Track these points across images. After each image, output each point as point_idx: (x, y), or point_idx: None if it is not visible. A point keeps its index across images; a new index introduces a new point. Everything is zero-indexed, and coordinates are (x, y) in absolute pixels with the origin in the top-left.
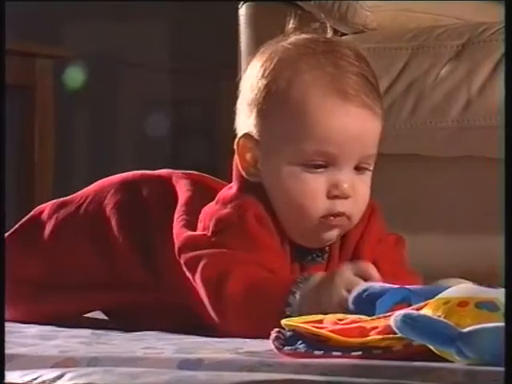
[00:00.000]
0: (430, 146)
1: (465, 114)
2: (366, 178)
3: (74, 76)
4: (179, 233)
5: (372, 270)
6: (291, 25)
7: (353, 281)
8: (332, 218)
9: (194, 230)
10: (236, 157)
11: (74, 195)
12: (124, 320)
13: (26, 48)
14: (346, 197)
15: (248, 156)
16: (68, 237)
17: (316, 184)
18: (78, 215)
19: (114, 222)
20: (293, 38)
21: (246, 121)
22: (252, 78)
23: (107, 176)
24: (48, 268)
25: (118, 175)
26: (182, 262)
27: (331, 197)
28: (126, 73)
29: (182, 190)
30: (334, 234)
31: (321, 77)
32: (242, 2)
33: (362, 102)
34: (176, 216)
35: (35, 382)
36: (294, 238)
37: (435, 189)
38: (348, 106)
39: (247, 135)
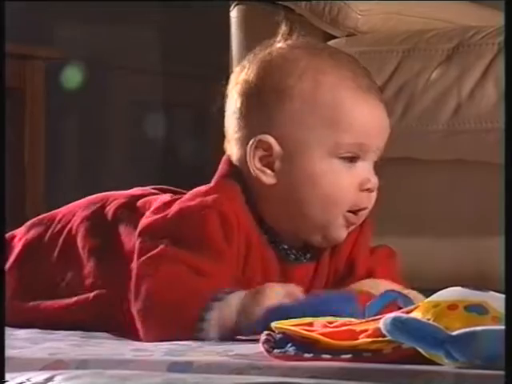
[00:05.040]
0: (420, 150)
1: (455, 117)
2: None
3: (71, 77)
4: (143, 219)
5: (299, 293)
6: (282, 30)
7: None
8: (353, 214)
9: None
10: (250, 159)
11: (44, 215)
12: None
13: (16, 49)
14: (374, 190)
15: (264, 158)
16: (36, 255)
17: (352, 177)
18: (47, 235)
19: (80, 234)
20: (291, 42)
21: (251, 125)
22: (254, 83)
23: (98, 180)
24: (16, 286)
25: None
26: (136, 246)
27: (363, 190)
28: (118, 76)
29: (164, 196)
30: (344, 233)
31: (345, 73)
32: (233, 4)
33: (380, 96)
34: (152, 207)
35: None
36: (296, 236)
37: (426, 192)
38: (373, 99)
39: (263, 137)
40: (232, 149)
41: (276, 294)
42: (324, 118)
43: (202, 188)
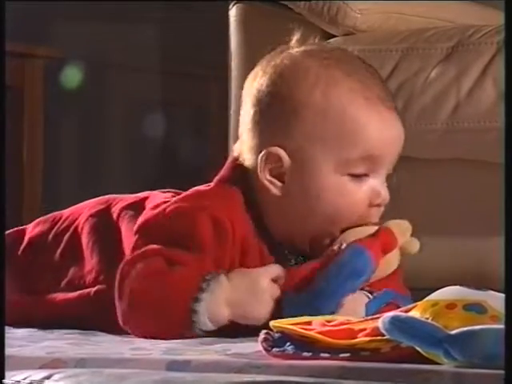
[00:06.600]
0: (419, 149)
1: (454, 116)
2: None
3: (70, 76)
4: (141, 216)
5: (282, 273)
6: (296, 34)
7: (274, 288)
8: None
9: None
10: (260, 170)
11: (51, 214)
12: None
13: (15, 48)
14: (383, 204)
15: (273, 170)
16: (40, 252)
17: (361, 194)
18: (52, 232)
19: (84, 231)
20: (304, 48)
21: (263, 135)
22: (267, 92)
23: (96, 179)
24: (19, 281)
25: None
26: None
27: (373, 205)
28: (117, 75)
29: (162, 194)
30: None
31: (355, 84)
32: (232, 4)
33: (393, 105)
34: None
35: (22, 382)
36: (294, 244)
37: (424, 191)
38: (386, 112)
39: (273, 149)
40: (246, 154)
41: (269, 284)
42: (333, 132)
43: (201, 188)
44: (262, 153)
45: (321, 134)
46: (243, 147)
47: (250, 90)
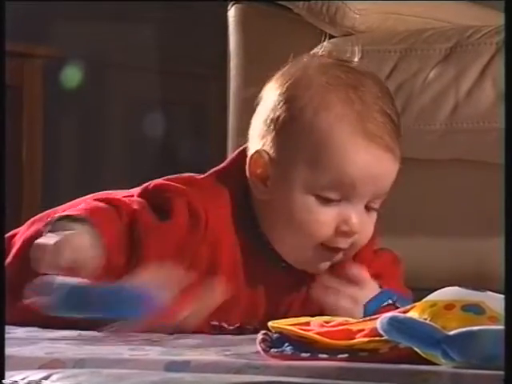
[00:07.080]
0: (418, 149)
1: (453, 117)
2: (373, 216)
3: (69, 76)
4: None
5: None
6: (323, 47)
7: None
8: (329, 252)
9: None
10: (248, 170)
11: (45, 212)
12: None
13: (15, 48)
14: (353, 233)
15: (259, 172)
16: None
17: (326, 218)
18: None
19: None
20: (322, 62)
21: (261, 137)
22: (275, 96)
23: (96, 178)
24: (15, 282)
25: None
26: None
27: (339, 232)
28: (116, 74)
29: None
30: (325, 265)
31: (349, 114)
32: (231, 4)
33: (385, 144)
34: None
35: (21, 382)
36: (281, 253)
37: (423, 192)
38: (372, 148)
39: (261, 152)
40: (250, 151)
41: (73, 249)
42: (311, 153)
43: (192, 175)
44: (252, 152)
45: (300, 152)
46: (250, 143)
47: (268, 90)
